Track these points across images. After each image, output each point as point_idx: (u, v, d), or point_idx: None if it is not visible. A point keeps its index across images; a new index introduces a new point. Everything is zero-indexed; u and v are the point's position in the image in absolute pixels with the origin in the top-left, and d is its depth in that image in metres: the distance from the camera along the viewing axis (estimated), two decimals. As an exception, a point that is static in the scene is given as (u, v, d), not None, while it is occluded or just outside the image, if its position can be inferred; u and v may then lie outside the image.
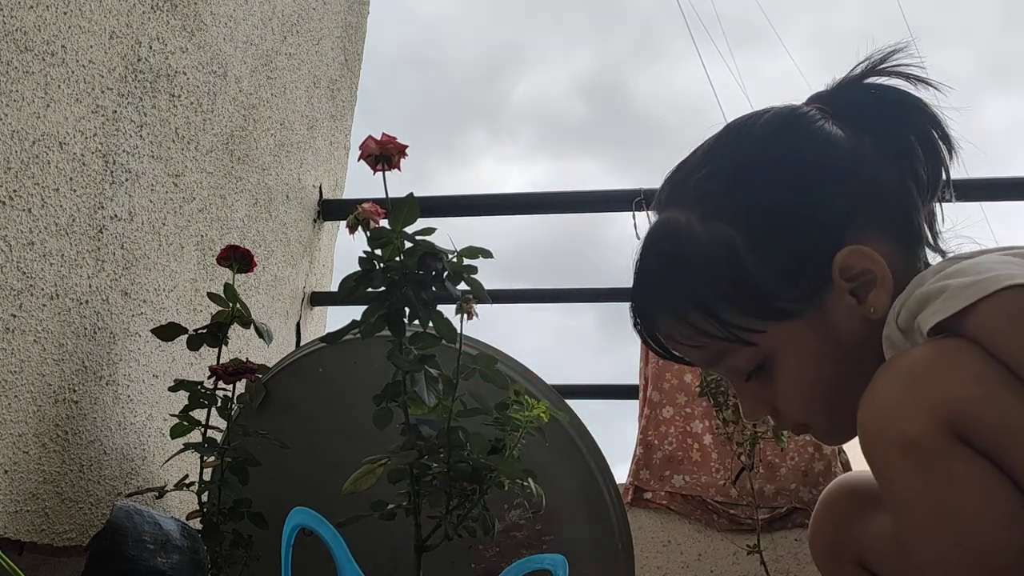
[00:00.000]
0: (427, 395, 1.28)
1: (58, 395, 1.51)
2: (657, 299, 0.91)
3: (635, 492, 2.36)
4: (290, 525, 1.18)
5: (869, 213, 0.87)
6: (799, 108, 0.93)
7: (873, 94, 0.92)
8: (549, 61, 38.21)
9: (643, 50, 38.29)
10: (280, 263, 2.22)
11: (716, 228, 0.88)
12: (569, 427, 1.58)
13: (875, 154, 0.89)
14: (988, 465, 0.72)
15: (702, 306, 0.87)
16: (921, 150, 0.90)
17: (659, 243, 0.91)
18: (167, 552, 1.42)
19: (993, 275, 0.75)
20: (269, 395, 1.71)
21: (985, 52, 27.99)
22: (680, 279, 0.89)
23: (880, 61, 0.92)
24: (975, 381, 0.73)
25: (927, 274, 0.81)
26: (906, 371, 0.75)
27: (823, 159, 0.88)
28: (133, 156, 1.67)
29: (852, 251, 0.85)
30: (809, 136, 0.89)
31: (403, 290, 1.29)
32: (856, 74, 0.93)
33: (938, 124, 0.91)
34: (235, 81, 1.99)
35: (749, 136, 0.91)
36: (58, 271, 1.50)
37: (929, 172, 0.91)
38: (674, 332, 0.91)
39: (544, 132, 38.05)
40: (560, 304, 2.76)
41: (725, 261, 0.87)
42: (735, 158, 0.90)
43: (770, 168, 0.88)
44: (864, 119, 0.91)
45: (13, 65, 1.39)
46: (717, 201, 0.89)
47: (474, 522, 1.33)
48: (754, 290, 0.86)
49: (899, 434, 0.73)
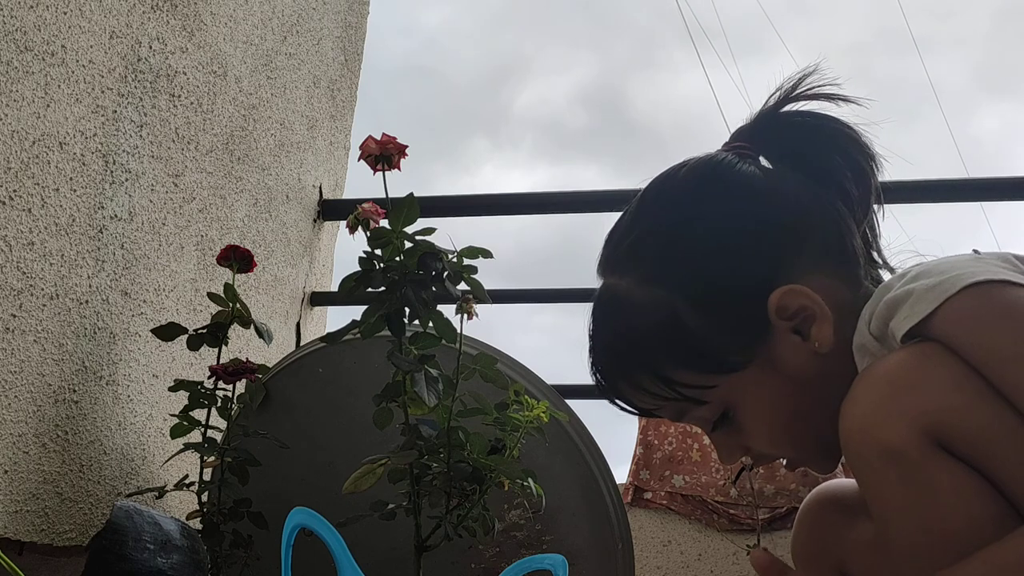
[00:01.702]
0: (427, 395, 1.28)
1: (58, 395, 1.51)
2: (610, 367, 0.92)
3: (635, 492, 2.37)
4: (290, 525, 1.17)
5: (799, 250, 0.88)
6: (716, 156, 0.94)
7: (789, 122, 0.93)
8: (550, 71, 38.38)
9: (642, 60, 38.41)
10: (280, 263, 2.22)
11: (653, 293, 0.89)
12: (569, 427, 1.58)
13: (798, 185, 0.90)
14: (971, 472, 0.72)
15: (651, 371, 0.88)
16: (846, 166, 0.91)
17: (603, 313, 0.93)
18: (167, 552, 1.42)
19: (955, 275, 0.75)
20: (269, 395, 1.71)
21: (979, 61, 28.12)
22: (627, 348, 0.90)
23: (792, 88, 0.93)
24: (953, 387, 0.73)
25: (893, 280, 0.82)
26: (884, 379, 0.76)
27: (744, 207, 0.89)
28: (133, 156, 1.67)
29: (784, 292, 0.86)
30: (727, 187, 0.90)
31: (403, 290, 1.29)
32: (771, 105, 0.94)
33: (856, 138, 0.92)
34: (235, 81, 1.99)
35: (670, 195, 0.92)
36: (58, 271, 1.50)
37: (858, 187, 0.91)
38: (631, 396, 0.92)
39: (545, 140, 38.23)
40: (560, 309, 2.76)
41: (667, 326, 0.88)
42: (659, 220, 0.92)
43: (693, 228, 0.89)
44: (784, 148, 0.92)
45: (13, 65, 1.39)
46: (650, 267, 0.90)
47: (474, 522, 1.33)
48: (700, 349, 0.87)
49: (881, 444, 0.73)
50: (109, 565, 1.35)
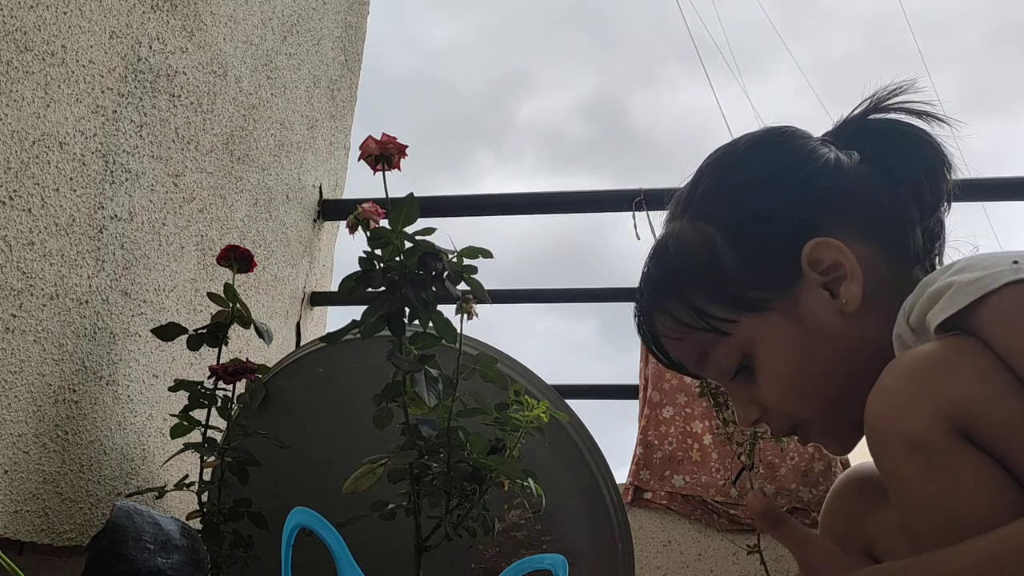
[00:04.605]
0: (427, 395, 1.28)
1: (58, 395, 1.51)
2: (649, 297, 0.96)
3: (635, 492, 2.36)
4: (290, 525, 1.17)
5: (846, 215, 0.90)
6: (787, 127, 0.98)
7: (876, 128, 0.96)
8: (552, 84, 38.55)
9: (642, 74, 38.55)
10: (280, 263, 2.22)
11: (700, 227, 0.93)
12: (569, 427, 1.58)
13: (866, 172, 0.93)
14: (994, 464, 0.72)
15: (681, 297, 0.92)
16: (925, 177, 0.94)
17: (652, 253, 0.97)
18: (167, 552, 1.42)
19: (998, 270, 0.75)
20: (269, 395, 1.71)
21: (970, 77, 28.32)
22: (666, 275, 0.94)
23: (884, 98, 0.96)
24: (981, 379, 0.73)
25: (936, 273, 0.82)
26: (913, 368, 0.76)
27: (799, 162, 0.92)
28: (133, 156, 1.67)
29: (819, 243, 0.88)
30: (786, 146, 0.94)
31: (403, 290, 1.29)
32: (859, 112, 0.97)
33: (941, 153, 0.94)
34: (235, 81, 1.99)
35: (734, 148, 0.97)
36: (58, 271, 1.50)
37: (932, 191, 0.94)
38: (661, 328, 0.95)
39: (547, 152, 38.40)
40: (560, 314, 2.78)
41: (704, 256, 0.92)
42: (719, 166, 0.96)
43: (747, 170, 0.94)
44: (867, 150, 0.94)
45: (13, 65, 1.39)
46: (702, 203, 0.94)
47: (474, 522, 1.33)
48: (728, 282, 0.90)
49: (905, 431, 0.74)
50: (109, 565, 1.35)
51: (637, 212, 2.30)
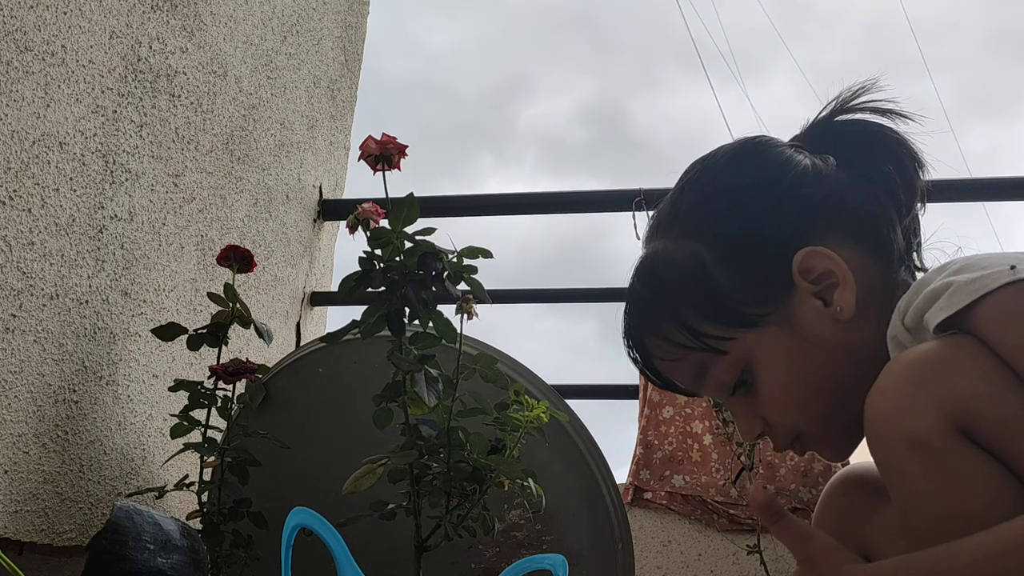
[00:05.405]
0: (427, 395, 1.28)
1: (58, 395, 1.51)
2: (639, 320, 0.95)
3: (635, 492, 2.36)
4: (290, 525, 1.17)
5: (831, 222, 0.90)
6: (760, 136, 0.97)
7: (844, 130, 0.95)
8: (553, 89, 38.64)
9: (641, 78, 38.61)
10: (280, 263, 2.22)
11: (686, 245, 0.92)
12: (569, 427, 1.58)
13: (844, 176, 0.92)
14: (994, 463, 0.72)
15: (675, 319, 0.91)
16: (897, 173, 0.93)
17: (638, 272, 0.96)
18: (167, 552, 1.42)
19: (997, 271, 0.75)
20: (269, 395, 1.71)
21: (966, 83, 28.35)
22: (656, 296, 0.93)
23: (849, 99, 0.96)
24: (981, 378, 0.73)
25: (933, 273, 0.82)
26: (912, 368, 0.76)
27: (778, 173, 0.92)
28: (133, 156, 1.67)
29: (809, 252, 0.88)
30: (765, 156, 0.94)
31: (403, 290, 1.29)
32: (826, 114, 0.97)
33: (910, 150, 0.94)
34: (235, 81, 1.99)
35: (712, 162, 0.96)
36: (58, 271, 1.50)
37: (906, 190, 0.94)
38: (656, 350, 0.94)
39: (547, 156, 38.46)
40: (560, 316, 2.79)
41: (694, 274, 0.90)
42: (699, 181, 0.95)
43: (729, 183, 0.93)
44: (837, 153, 0.94)
45: (13, 65, 1.39)
46: (685, 220, 0.93)
47: (474, 522, 1.33)
48: (721, 299, 0.89)
49: (906, 431, 0.74)
50: (109, 565, 1.35)
51: (637, 212, 2.30)
